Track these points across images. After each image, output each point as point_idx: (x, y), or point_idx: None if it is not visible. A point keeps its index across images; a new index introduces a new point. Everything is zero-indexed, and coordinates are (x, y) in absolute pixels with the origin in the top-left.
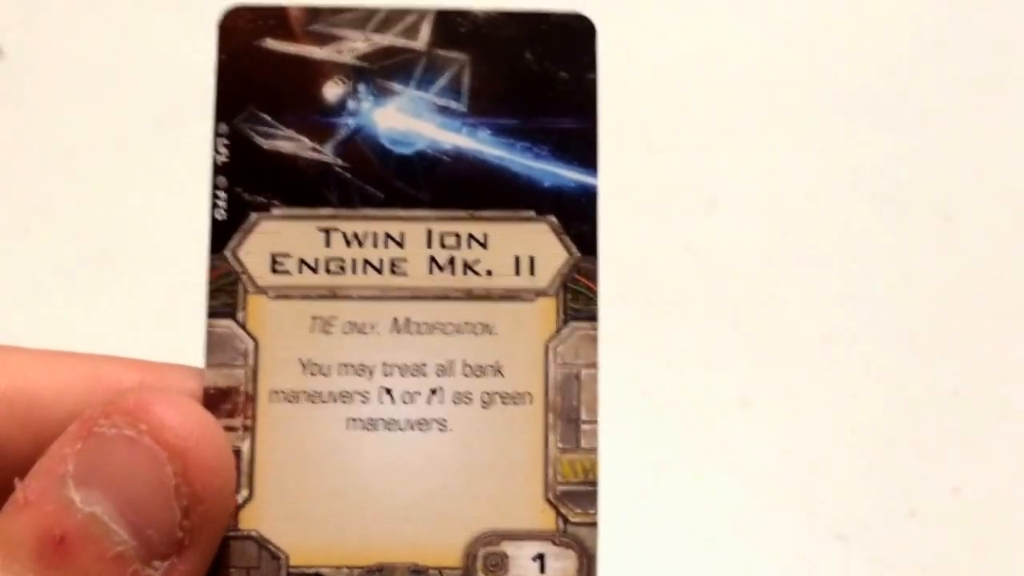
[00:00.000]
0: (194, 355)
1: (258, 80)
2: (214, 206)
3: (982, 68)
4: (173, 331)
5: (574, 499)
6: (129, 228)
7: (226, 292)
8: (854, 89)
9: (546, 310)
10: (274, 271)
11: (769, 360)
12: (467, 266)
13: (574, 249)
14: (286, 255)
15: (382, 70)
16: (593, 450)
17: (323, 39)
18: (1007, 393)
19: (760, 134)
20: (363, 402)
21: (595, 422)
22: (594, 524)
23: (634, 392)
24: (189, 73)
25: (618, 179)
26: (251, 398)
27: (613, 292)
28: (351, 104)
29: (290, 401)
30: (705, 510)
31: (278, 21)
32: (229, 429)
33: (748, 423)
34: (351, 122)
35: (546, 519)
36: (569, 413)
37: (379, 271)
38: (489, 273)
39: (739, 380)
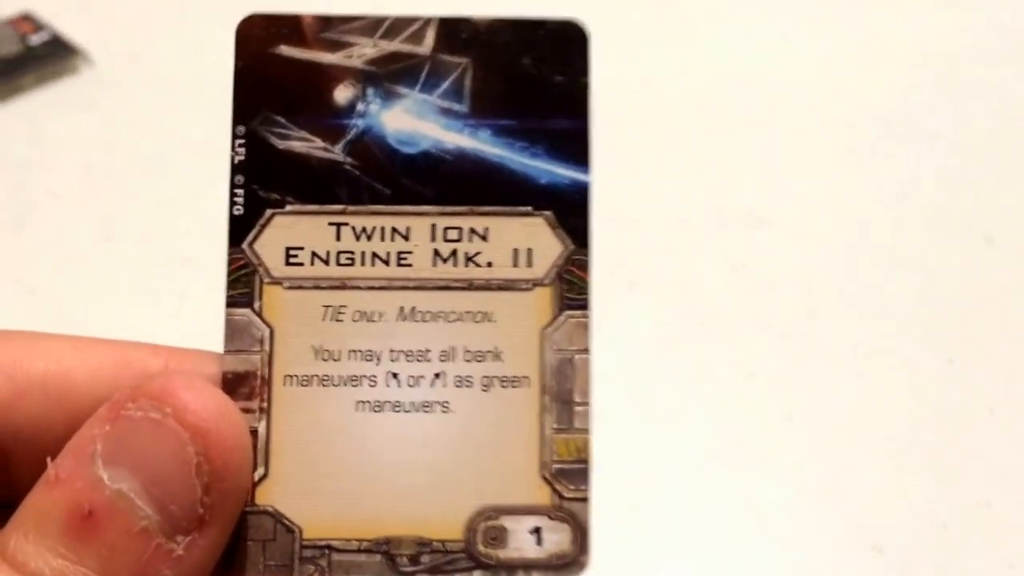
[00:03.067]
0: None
1: (273, 84)
2: (232, 203)
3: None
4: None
5: (568, 476)
6: (212, 235)
7: (243, 283)
8: (900, 110)
9: (542, 299)
10: (288, 263)
11: (811, 374)
12: (468, 258)
13: (568, 242)
14: (299, 248)
15: (389, 74)
16: (585, 430)
17: (334, 45)
18: None
19: (805, 153)
20: (371, 385)
21: (587, 404)
22: (586, 499)
23: (683, 406)
24: None
25: (664, 199)
26: (267, 382)
27: (662, 308)
28: (360, 106)
29: (303, 385)
30: (745, 519)
31: (292, 29)
32: (246, 411)
33: (791, 436)
34: (360, 123)
35: (542, 495)
36: (563, 395)
37: (386, 263)
38: (489, 264)
39: (783, 394)
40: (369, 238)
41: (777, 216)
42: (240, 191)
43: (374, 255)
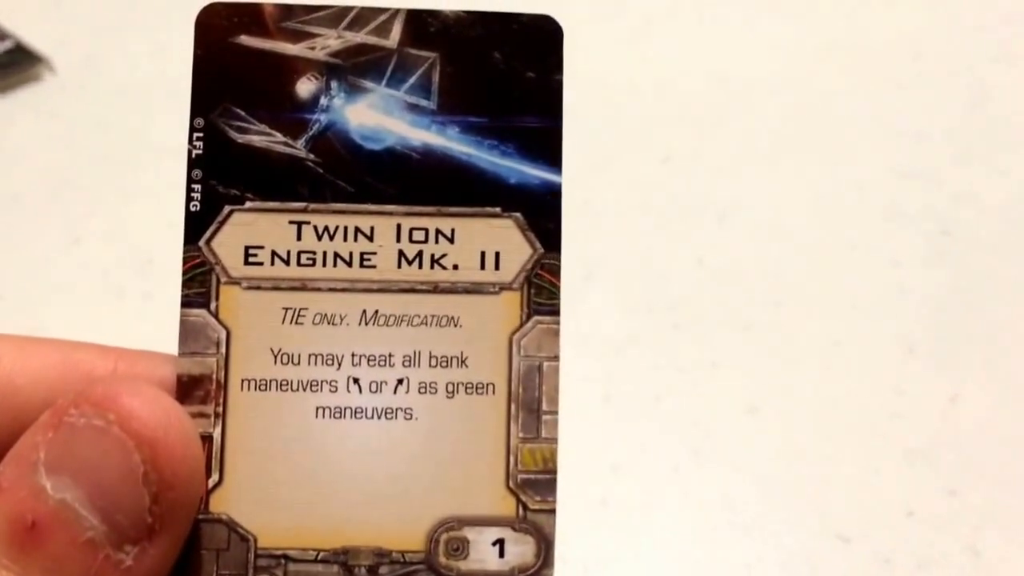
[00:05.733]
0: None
1: (233, 75)
2: (189, 198)
3: (982, 78)
4: None
5: (534, 487)
6: (177, 237)
7: (199, 282)
8: (861, 105)
9: (510, 304)
10: (247, 262)
11: (775, 366)
12: (434, 260)
13: (538, 245)
14: (259, 247)
15: (354, 67)
16: (553, 440)
17: (296, 36)
18: (1003, 399)
19: (768, 148)
20: (331, 391)
21: (555, 413)
22: (552, 511)
23: (648, 397)
24: None
25: (632, 192)
26: (223, 386)
27: (627, 301)
28: (323, 100)
29: (261, 389)
30: (712, 511)
31: (252, 18)
32: (200, 416)
33: (755, 427)
34: (323, 118)
35: (506, 506)
36: (531, 404)
37: (349, 264)
38: (455, 267)
39: (746, 385)
40: (331, 238)
41: (740, 209)
42: (197, 186)
43: (336, 255)
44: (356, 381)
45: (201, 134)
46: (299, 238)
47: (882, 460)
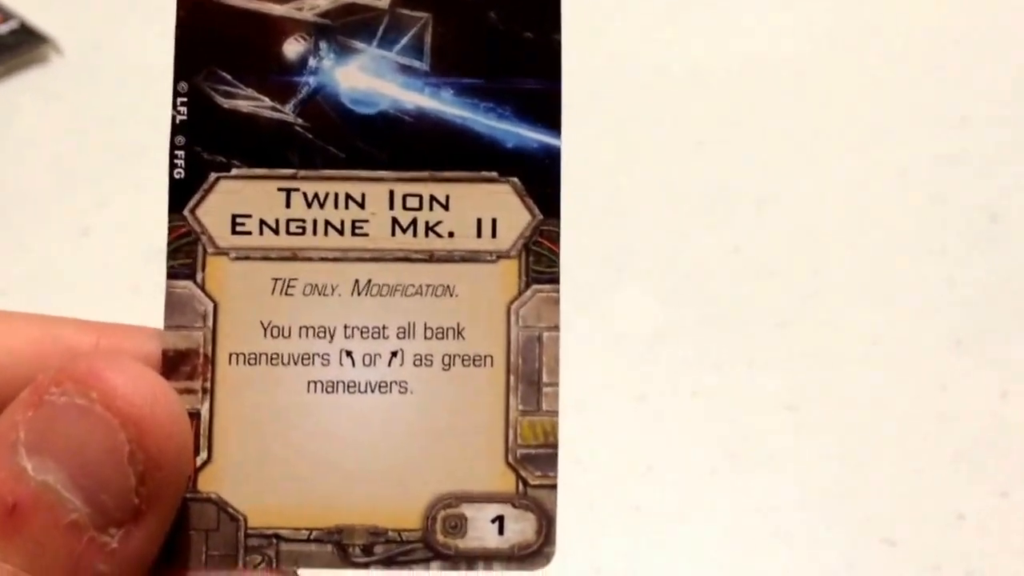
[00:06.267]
0: None
1: (218, 37)
2: (173, 165)
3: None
4: None
5: (534, 462)
6: None
7: (185, 252)
8: (901, 89)
9: (508, 272)
10: (234, 232)
11: (814, 362)
12: (429, 228)
13: (536, 211)
14: (246, 216)
15: (343, 28)
16: (554, 412)
17: None
18: None
19: (807, 132)
20: (323, 365)
21: (556, 384)
22: (554, 487)
23: (682, 396)
24: None
25: (664, 178)
26: (210, 360)
27: (660, 294)
28: (312, 63)
29: (250, 363)
30: (752, 512)
31: None
32: (188, 392)
33: (796, 426)
34: (312, 81)
35: (506, 482)
36: (530, 376)
37: (340, 232)
38: (451, 235)
39: (785, 383)
40: (322, 205)
41: (778, 198)
42: (181, 153)
43: (327, 224)
44: (349, 354)
45: (185, 99)
46: (288, 206)
47: (929, 461)
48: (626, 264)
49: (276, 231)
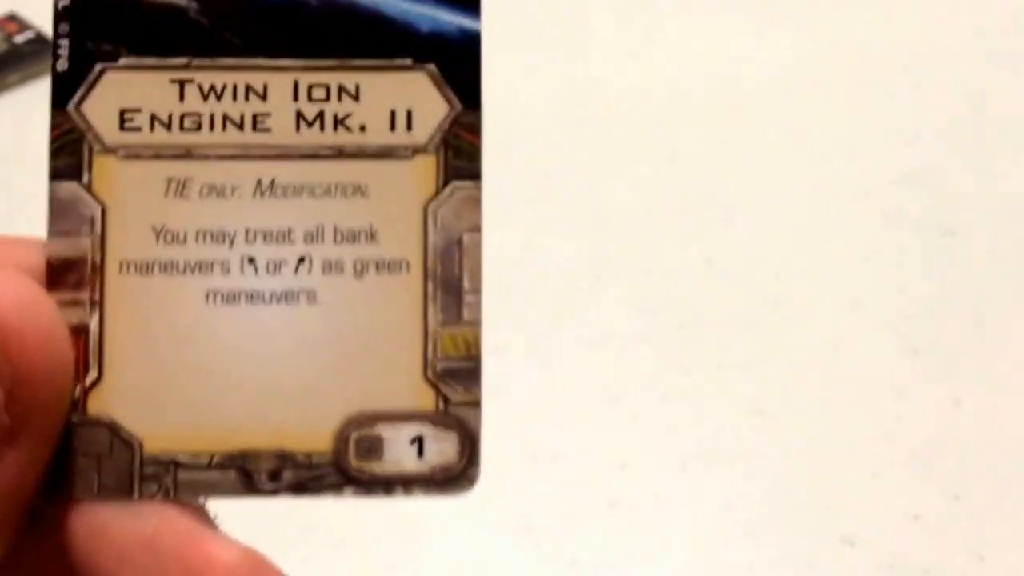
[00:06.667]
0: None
1: None
2: (55, 56)
3: (981, 81)
4: None
5: (455, 377)
6: None
7: (69, 151)
8: (864, 108)
9: (425, 168)
10: (123, 128)
11: (779, 368)
12: (338, 121)
13: (455, 101)
14: (136, 110)
15: None
16: (476, 323)
17: None
18: (1006, 402)
19: (774, 149)
20: (223, 273)
21: (478, 292)
22: (477, 403)
23: (654, 398)
24: None
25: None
26: (99, 269)
27: (634, 301)
28: None
29: (142, 272)
30: (719, 509)
31: None
32: (74, 304)
33: (761, 428)
34: None
35: (425, 399)
36: (450, 282)
37: (240, 127)
38: (362, 129)
39: (752, 387)
40: (219, 98)
41: (746, 213)
42: (64, 42)
43: (225, 118)
44: (251, 261)
45: None
46: (182, 99)
47: (886, 464)
48: (603, 273)
49: (169, 127)
